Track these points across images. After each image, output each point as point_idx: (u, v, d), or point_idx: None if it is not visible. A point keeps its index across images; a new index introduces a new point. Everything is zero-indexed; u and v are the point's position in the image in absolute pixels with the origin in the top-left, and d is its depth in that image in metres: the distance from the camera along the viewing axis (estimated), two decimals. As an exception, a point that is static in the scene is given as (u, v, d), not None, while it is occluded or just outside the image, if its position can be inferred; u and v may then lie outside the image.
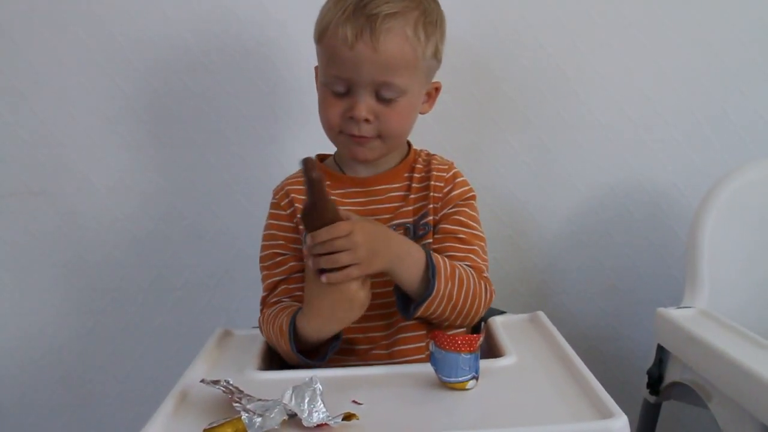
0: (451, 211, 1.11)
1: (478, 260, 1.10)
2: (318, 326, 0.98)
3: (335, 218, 0.93)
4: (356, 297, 0.97)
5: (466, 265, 1.07)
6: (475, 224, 1.12)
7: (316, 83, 1.12)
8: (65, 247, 1.53)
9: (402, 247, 1.01)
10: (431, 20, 1.05)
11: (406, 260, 0.99)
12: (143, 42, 1.47)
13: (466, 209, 1.12)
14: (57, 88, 1.48)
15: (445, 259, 1.04)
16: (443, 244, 1.09)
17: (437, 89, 1.14)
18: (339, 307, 0.97)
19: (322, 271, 0.94)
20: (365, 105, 1.03)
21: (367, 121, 1.03)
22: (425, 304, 0.99)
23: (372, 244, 0.95)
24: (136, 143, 1.51)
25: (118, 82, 1.48)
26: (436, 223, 1.11)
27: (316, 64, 1.11)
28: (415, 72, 1.05)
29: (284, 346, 1.01)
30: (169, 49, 1.48)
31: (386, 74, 1.01)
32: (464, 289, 1.03)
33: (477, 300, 1.05)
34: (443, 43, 1.10)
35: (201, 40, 1.47)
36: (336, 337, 1.01)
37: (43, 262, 1.53)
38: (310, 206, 0.93)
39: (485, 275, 1.09)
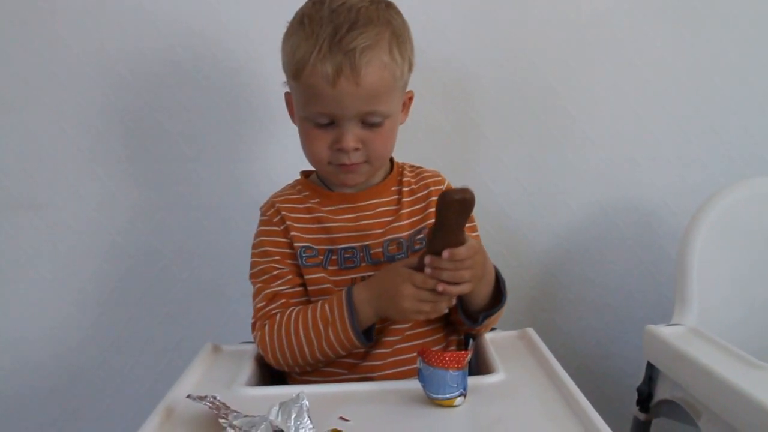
0: None
1: None
2: (366, 302, 1.01)
3: (463, 239, 0.96)
4: (403, 305, 0.98)
5: None
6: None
7: (290, 109, 1.12)
8: (55, 261, 1.52)
9: (489, 265, 1.05)
10: (402, 38, 1.05)
11: (488, 277, 1.04)
12: (135, 56, 1.47)
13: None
14: (48, 102, 1.48)
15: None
16: None
17: (410, 98, 1.14)
18: (386, 300, 1.00)
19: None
20: (352, 135, 1.03)
21: (356, 149, 1.04)
22: (496, 313, 1.06)
23: (484, 265, 1.02)
24: (127, 157, 1.51)
25: (110, 96, 1.48)
26: None
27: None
28: (395, 93, 1.06)
29: (334, 333, 1.02)
30: (160, 64, 1.48)
31: (370, 104, 1.01)
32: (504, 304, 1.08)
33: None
34: (413, 51, 1.10)
35: (192, 55, 1.48)
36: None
37: (33, 276, 1.53)
38: (452, 226, 0.94)
39: None
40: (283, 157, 1.49)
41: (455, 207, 0.92)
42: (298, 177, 1.20)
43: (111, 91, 1.48)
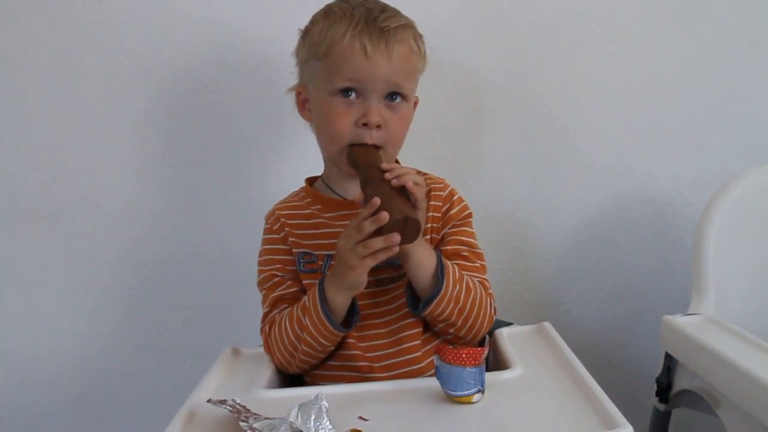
0: (451, 230, 1.13)
1: (483, 277, 1.12)
2: (331, 281, 1.02)
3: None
4: (359, 276, 1.00)
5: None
6: (475, 242, 1.15)
7: (299, 104, 1.16)
8: (73, 270, 1.54)
9: (430, 249, 1.05)
10: (420, 37, 1.12)
11: (427, 262, 1.02)
12: (147, 64, 1.48)
13: (466, 228, 1.15)
14: (63, 113, 1.49)
15: (454, 264, 1.06)
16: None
17: (416, 103, 1.17)
18: (344, 274, 1.00)
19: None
20: (377, 110, 1.06)
21: (378, 127, 1.06)
22: (435, 302, 1.02)
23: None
24: (142, 165, 1.52)
25: (123, 105, 1.49)
26: (436, 243, 1.12)
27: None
28: (415, 79, 1.12)
29: (310, 320, 1.03)
30: (172, 71, 1.49)
31: (398, 77, 1.06)
32: (471, 295, 1.05)
33: (483, 310, 1.07)
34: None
35: (204, 62, 1.49)
36: (356, 313, 1.06)
37: (52, 285, 1.54)
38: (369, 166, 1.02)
39: (490, 291, 1.11)
40: (297, 159, 1.50)
41: (360, 151, 1.04)
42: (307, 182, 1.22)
43: (124, 100, 1.49)
